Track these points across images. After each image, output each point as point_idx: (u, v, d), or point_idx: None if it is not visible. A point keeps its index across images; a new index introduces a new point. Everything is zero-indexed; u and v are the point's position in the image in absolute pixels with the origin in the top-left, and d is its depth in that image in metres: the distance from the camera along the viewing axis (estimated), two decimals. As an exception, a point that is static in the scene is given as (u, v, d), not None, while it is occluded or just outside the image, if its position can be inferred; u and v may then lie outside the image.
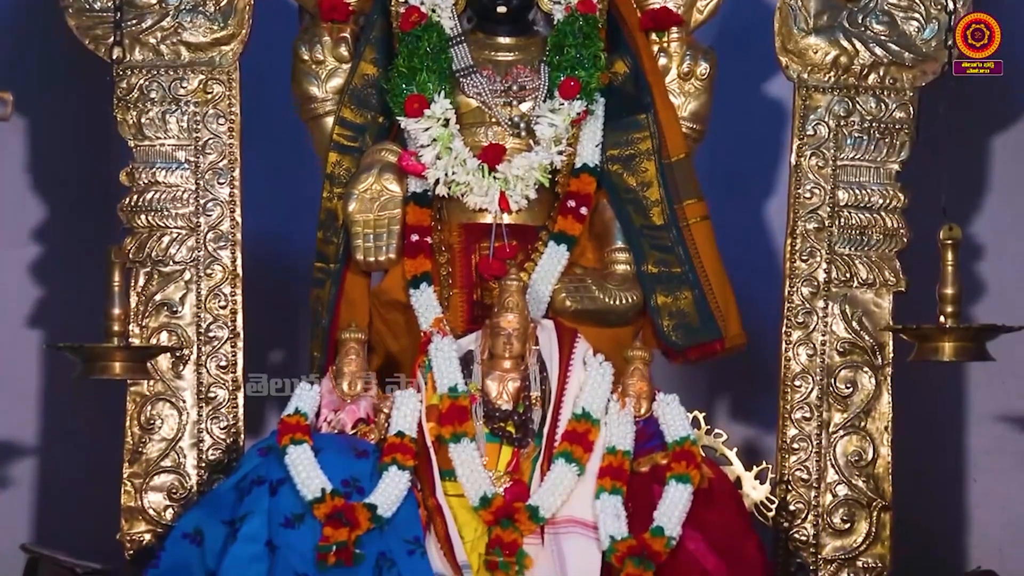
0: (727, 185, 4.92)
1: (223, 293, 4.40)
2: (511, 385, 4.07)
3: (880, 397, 4.37)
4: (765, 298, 4.54)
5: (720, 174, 4.85)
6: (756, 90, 5.06)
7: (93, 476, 4.78)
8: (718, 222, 4.40)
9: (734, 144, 4.99)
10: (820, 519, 4.34)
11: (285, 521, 3.87)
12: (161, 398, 4.37)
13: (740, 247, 4.71)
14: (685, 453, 4.01)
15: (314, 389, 4.10)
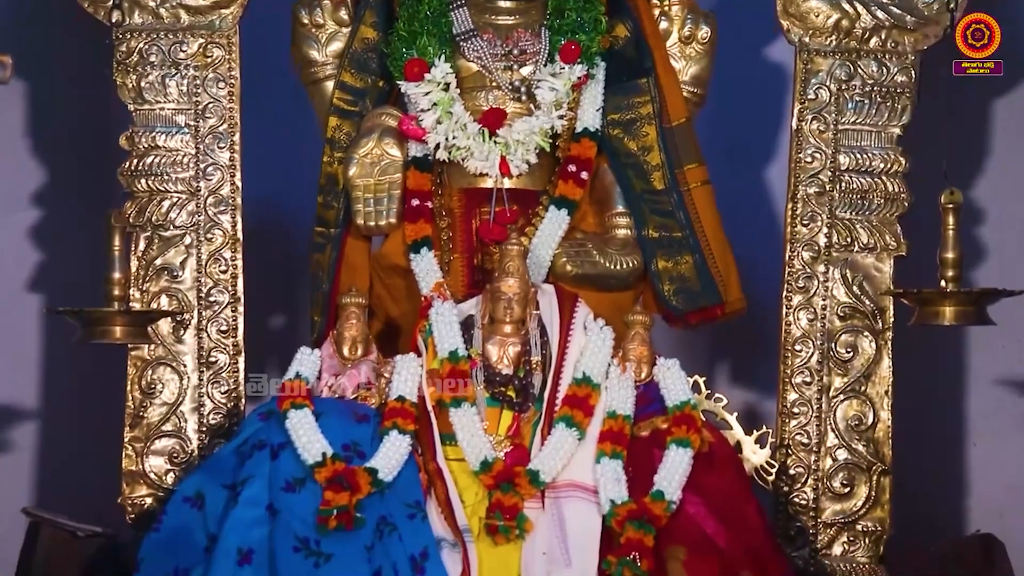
0: (728, 149, 4.92)
1: (223, 257, 4.40)
2: (512, 350, 4.07)
3: (880, 361, 4.38)
4: (766, 263, 4.54)
5: (721, 138, 4.84)
6: (757, 54, 5.05)
7: (94, 440, 4.79)
8: (719, 186, 4.40)
9: (735, 108, 4.98)
10: (820, 483, 4.35)
11: (286, 485, 3.88)
12: (162, 362, 4.37)
13: (741, 211, 4.70)
14: (685, 417, 4.02)
15: (315, 353, 4.10)
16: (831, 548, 4.33)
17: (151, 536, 3.91)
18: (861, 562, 4.32)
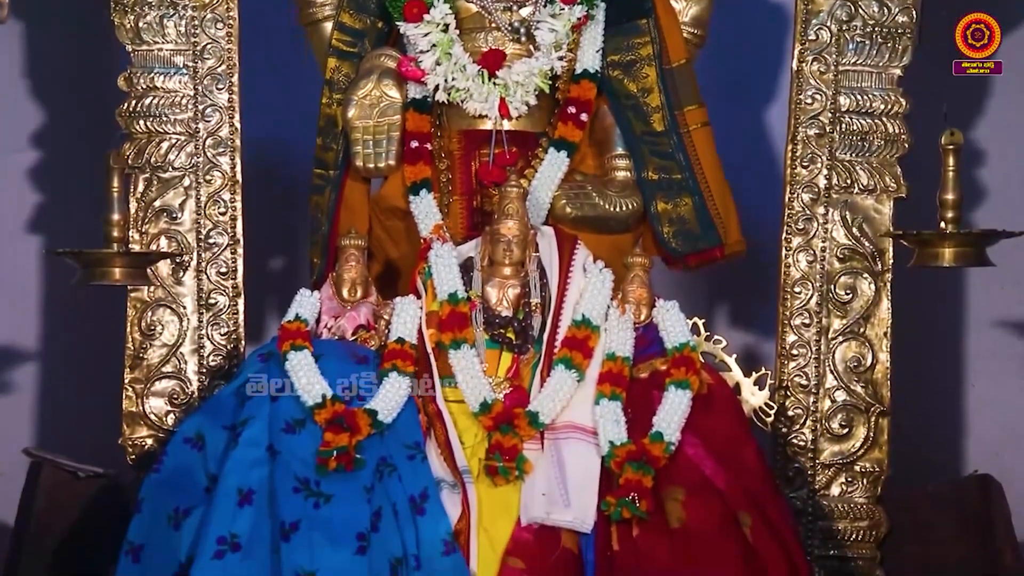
0: (728, 91, 4.90)
1: (223, 200, 4.39)
2: (511, 292, 4.07)
3: (879, 303, 4.38)
4: (765, 205, 4.53)
5: (721, 80, 4.82)
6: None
7: (94, 382, 4.81)
8: (719, 128, 4.38)
9: (735, 49, 4.96)
10: (818, 424, 4.36)
11: (286, 426, 3.89)
12: (161, 304, 4.38)
13: (741, 153, 4.70)
14: (684, 359, 4.02)
15: (314, 295, 4.10)
16: (829, 489, 4.35)
17: (151, 476, 3.91)
18: (859, 502, 4.34)
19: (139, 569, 3.82)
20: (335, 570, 3.70)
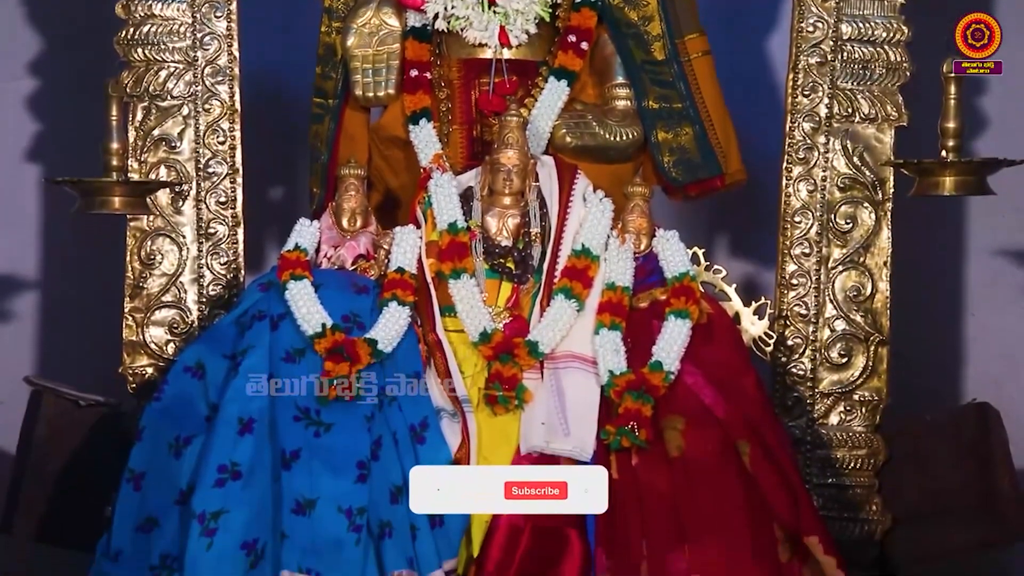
0: (728, 19, 4.88)
1: (222, 128, 4.38)
2: (511, 221, 4.07)
3: (880, 233, 4.38)
4: (766, 134, 4.52)
5: (722, 8, 4.80)
6: (758, -81, 5.01)
7: (95, 311, 4.81)
8: (719, 57, 4.37)
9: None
10: (818, 354, 4.36)
11: (286, 356, 3.90)
12: (161, 233, 4.37)
13: (741, 82, 4.68)
14: (684, 289, 4.02)
15: (314, 225, 4.10)
16: (828, 418, 4.36)
17: (152, 405, 3.93)
18: (858, 431, 4.35)
19: (140, 496, 3.83)
20: (336, 498, 3.72)
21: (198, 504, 3.70)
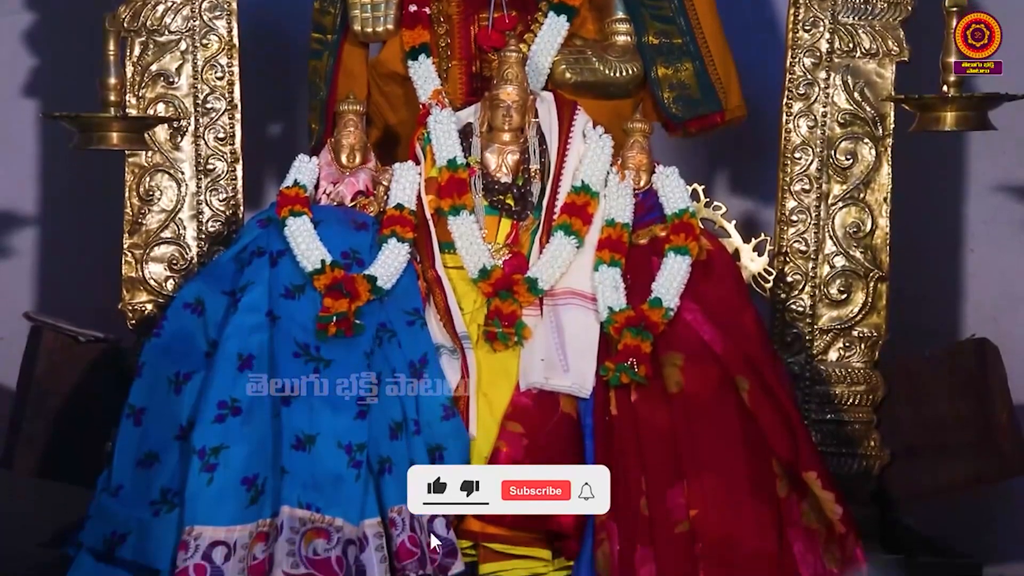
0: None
1: (220, 64, 4.36)
2: (510, 158, 4.06)
3: (880, 168, 4.37)
4: (766, 69, 4.50)
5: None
6: None
7: (94, 247, 4.81)
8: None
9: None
10: (817, 290, 4.37)
11: (285, 292, 3.89)
12: (159, 169, 4.36)
13: (742, 17, 4.66)
14: (684, 225, 4.02)
15: (313, 161, 4.09)
16: (827, 354, 4.36)
17: (152, 341, 3.93)
18: (856, 367, 4.36)
19: (140, 432, 3.84)
20: (335, 434, 3.73)
21: (198, 440, 3.71)
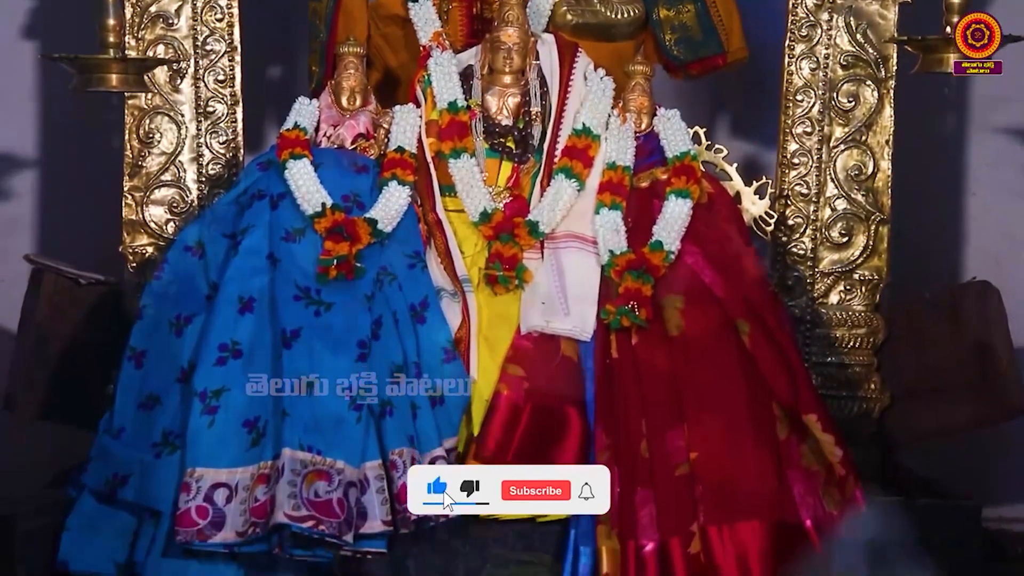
0: None
1: (219, 5, 4.34)
2: (511, 100, 4.05)
3: (882, 111, 4.36)
4: (768, 11, 4.48)
5: None
6: None
7: (94, 189, 4.80)
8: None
9: None
10: (818, 233, 4.36)
11: (286, 235, 3.89)
12: (159, 112, 4.35)
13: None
14: (685, 168, 4.01)
15: (313, 104, 4.08)
16: (828, 297, 4.36)
17: (152, 284, 3.94)
18: (857, 310, 4.36)
19: (141, 374, 3.85)
20: (336, 376, 3.73)
21: (199, 382, 3.72)
